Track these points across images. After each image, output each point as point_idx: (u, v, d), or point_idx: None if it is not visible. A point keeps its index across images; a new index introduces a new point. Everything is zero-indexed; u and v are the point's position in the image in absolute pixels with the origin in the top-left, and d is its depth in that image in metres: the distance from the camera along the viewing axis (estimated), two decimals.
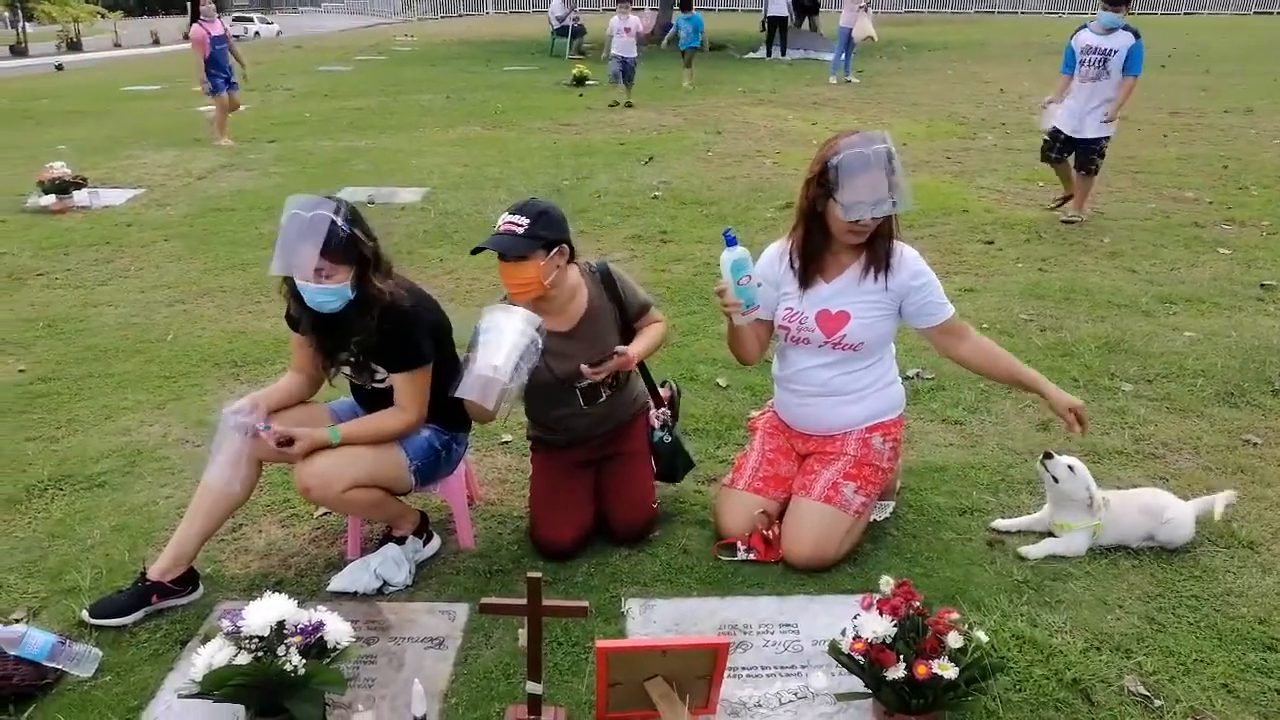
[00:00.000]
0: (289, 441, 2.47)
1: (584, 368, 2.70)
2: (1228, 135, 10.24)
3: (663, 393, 3.08)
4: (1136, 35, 6.16)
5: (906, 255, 2.76)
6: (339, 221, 2.41)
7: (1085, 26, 6.34)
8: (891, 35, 24.19)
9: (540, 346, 2.48)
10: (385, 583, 2.69)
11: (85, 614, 2.51)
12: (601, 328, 2.82)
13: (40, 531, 3.02)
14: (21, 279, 5.63)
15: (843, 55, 15.63)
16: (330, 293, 2.45)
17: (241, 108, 10.96)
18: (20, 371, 4.30)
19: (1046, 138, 6.58)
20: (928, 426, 3.71)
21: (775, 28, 20.51)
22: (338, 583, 2.70)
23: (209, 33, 9.68)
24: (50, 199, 7.16)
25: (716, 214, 7.01)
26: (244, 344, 4.58)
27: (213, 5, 9.94)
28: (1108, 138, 6.37)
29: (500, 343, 2.42)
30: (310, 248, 2.36)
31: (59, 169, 7.31)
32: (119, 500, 3.20)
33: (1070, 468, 2.84)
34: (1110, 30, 6.15)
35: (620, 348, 2.76)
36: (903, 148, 9.57)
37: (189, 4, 10.02)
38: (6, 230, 6.69)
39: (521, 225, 2.59)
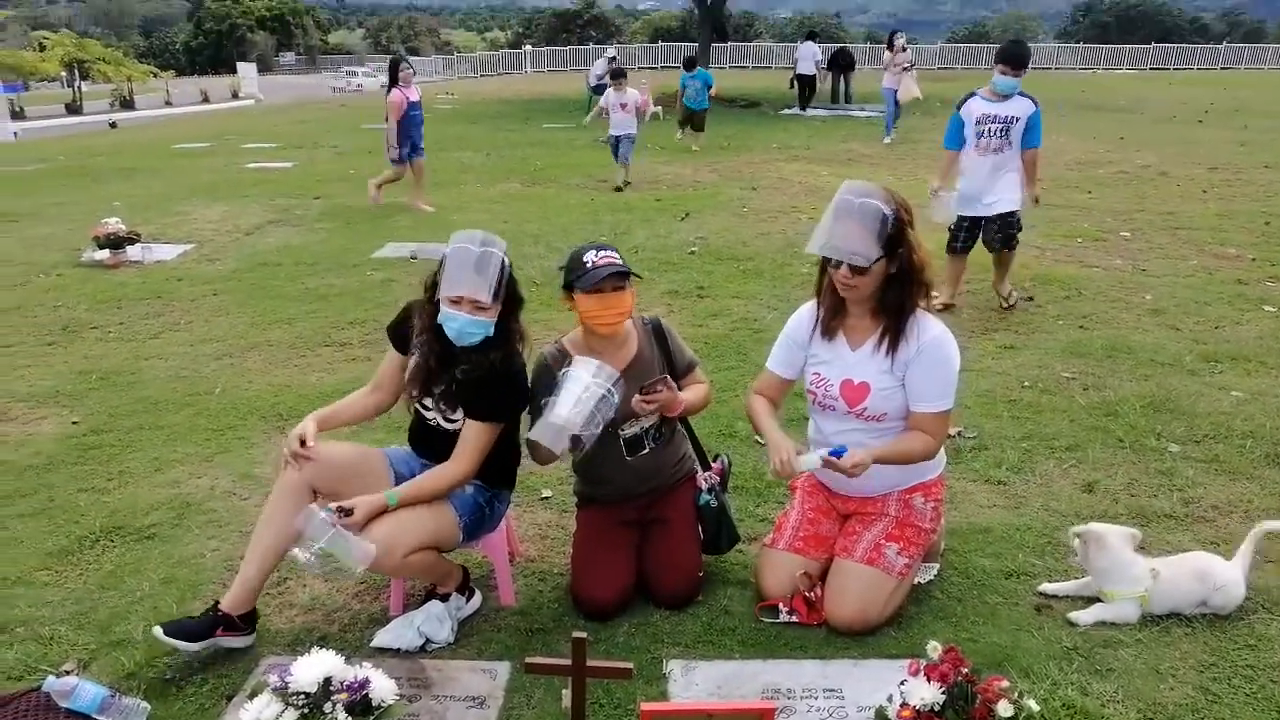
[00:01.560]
0: (349, 512, 2.50)
1: (636, 397, 2.73)
2: (1268, 191, 10.16)
3: (714, 465, 3.10)
4: (1035, 102, 5.57)
5: (923, 330, 2.69)
6: (506, 259, 2.60)
7: (974, 94, 5.67)
8: (926, 90, 24.33)
9: (616, 401, 2.60)
10: (428, 640, 2.70)
11: (157, 629, 2.53)
12: (648, 374, 2.87)
13: (91, 583, 3.08)
14: (76, 332, 5.79)
15: (894, 113, 15.16)
16: (479, 325, 2.60)
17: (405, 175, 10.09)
18: (74, 424, 4.41)
19: (950, 228, 5.86)
20: (970, 487, 3.67)
21: (805, 85, 20.82)
22: (381, 639, 2.71)
23: (407, 98, 9.29)
24: (105, 254, 7.38)
25: (753, 269, 7.06)
26: (289, 397, 4.66)
27: (412, 70, 9.65)
28: (1019, 210, 5.77)
29: (578, 394, 2.56)
30: (481, 281, 2.53)
31: (113, 224, 7.54)
32: (168, 552, 3.26)
33: (1085, 538, 2.79)
34: (1007, 96, 5.55)
35: (671, 382, 2.80)
36: None
37: (391, 71, 9.53)
38: (63, 284, 6.90)
39: (616, 256, 2.75)
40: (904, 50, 15.15)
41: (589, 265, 2.73)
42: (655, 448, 2.93)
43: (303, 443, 2.62)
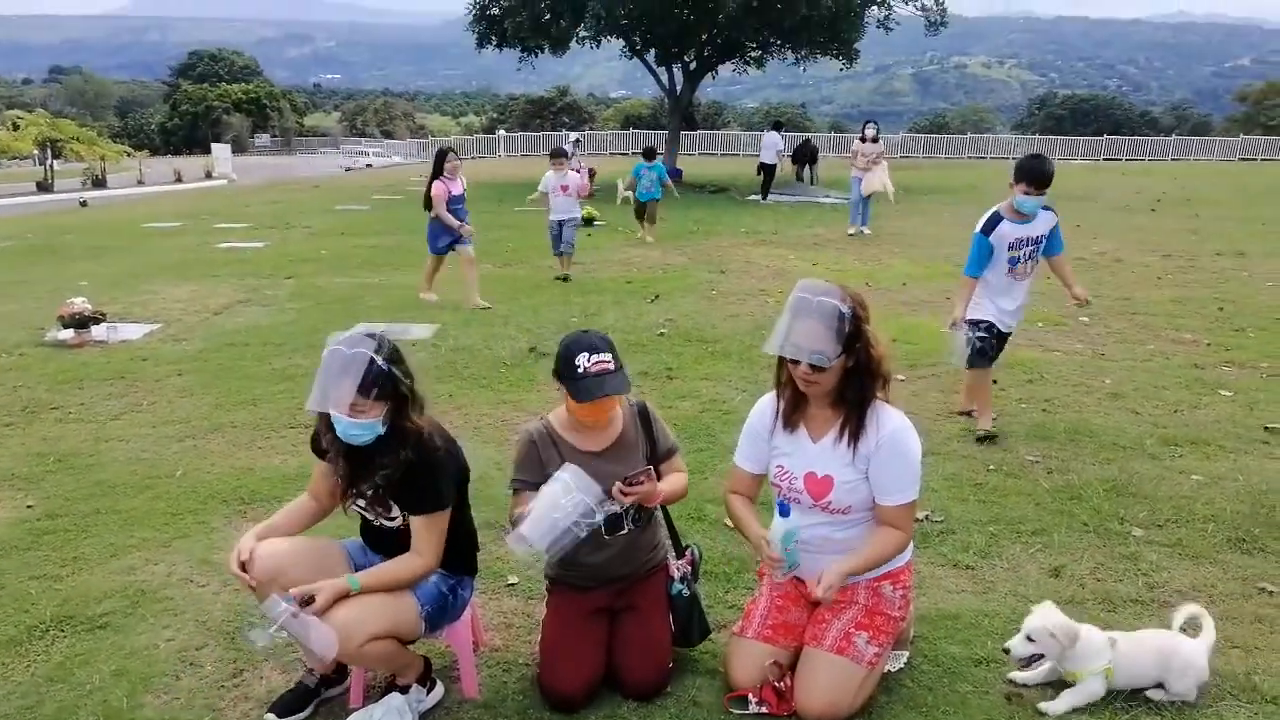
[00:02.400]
0: (311, 599, 2.45)
1: (617, 486, 2.72)
2: (1221, 277, 10.49)
3: (685, 555, 3.08)
4: (1055, 212, 5.23)
5: (882, 422, 2.71)
6: (378, 360, 2.49)
7: (1000, 219, 5.06)
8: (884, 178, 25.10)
9: (596, 523, 2.65)
10: None
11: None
12: (631, 455, 2.88)
13: (39, 675, 2.96)
14: (35, 413, 5.69)
15: (858, 202, 14.62)
16: (362, 427, 2.51)
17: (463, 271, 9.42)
18: (29, 508, 4.30)
19: (980, 338, 5.14)
20: (939, 572, 3.67)
21: (767, 174, 21.43)
22: None
23: (449, 191, 8.92)
24: (69, 333, 7.31)
25: (721, 351, 7.12)
26: (252, 480, 4.59)
27: (459, 161, 9.26)
28: None
29: (549, 515, 2.56)
30: (349, 384, 2.45)
31: (79, 304, 7.48)
32: (119, 643, 3.15)
33: (1031, 637, 2.80)
34: (1031, 216, 5.09)
35: (652, 471, 2.80)
36: (902, 288, 9.86)
37: (436, 162, 9.08)
38: (24, 363, 6.81)
39: (611, 362, 2.75)
40: (875, 140, 14.85)
41: (580, 371, 2.72)
42: (634, 530, 2.91)
43: (244, 566, 2.55)
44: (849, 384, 2.67)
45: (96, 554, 3.83)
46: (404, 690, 2.73)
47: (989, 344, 5.22)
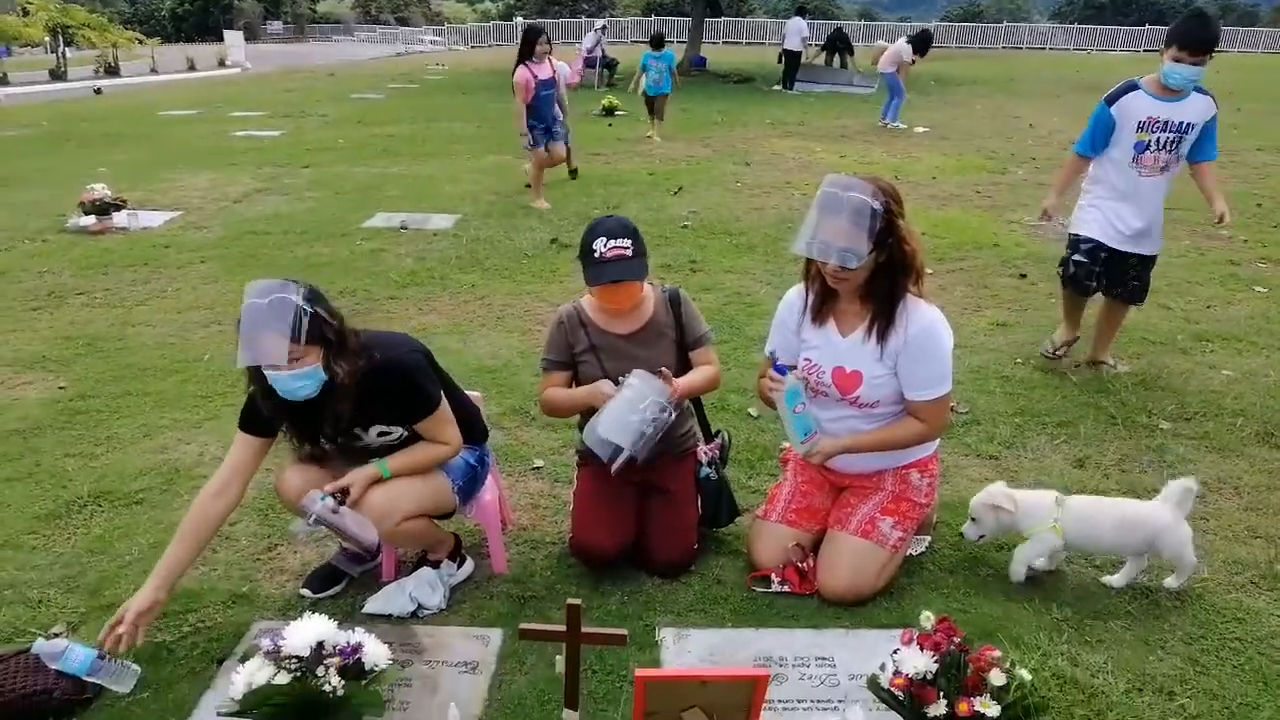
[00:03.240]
0: (346, 492, 2.47)
1: None
2: (1261, 173, 10.18)
3: (715, 441, 3.10)
4: (1215, 101, 4.13)
5: (914, 317, 2.64)
6: (299, 301, 2.30)
7: (1135, 87, 4.12)
8: (921, 70, 24.25)
9: (669, 415, 2.68)
10: (420, 606, 2.70)
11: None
12: (660, 340, 2.88)
13: (80, 547, 3.05)
14: (62, 297, 5.72)
15: (891, 100, 14.30)
16: (304, 376, 2.35)
17: (565, 166, 9.36)
18: (60, 389, 4.36)
19: (1079, 257, 4.35)
20: (963, 461, 3.68)
21: (790, 62, 20.69)
22: (373, 605, 2.71)
23: (535, 75, 7.93)
24: (90, 220, 7.29)
25: (745, 244, 7.03)
26: None
27: (549, 45, 8.12)
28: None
29: (630, 420, 2.62)
30: (276, 334, 2.25)
31: (99, 191, 7.44)
32: (157, 518, 3.23)
33: (974, 516, 2.87)
34: (1181, 93, 4.04)
35: (667, 371, 2.78)
36: (932, 181, 9.64)
37: (522, 45, 8.08)
38: (48, 250, 6.82)
39: (629, 247, 2.70)
40: (923, 55, 14.74)
41: (597, 255, 2.69)
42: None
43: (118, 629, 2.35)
44: (879, 279, 2.60)
45: (129, 434, 3.90)
46: (435, 565, 2.79)
47: (1087, 269, 4.27)
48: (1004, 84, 22.43)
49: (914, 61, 14.49)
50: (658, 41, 13.13)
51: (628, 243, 2.70)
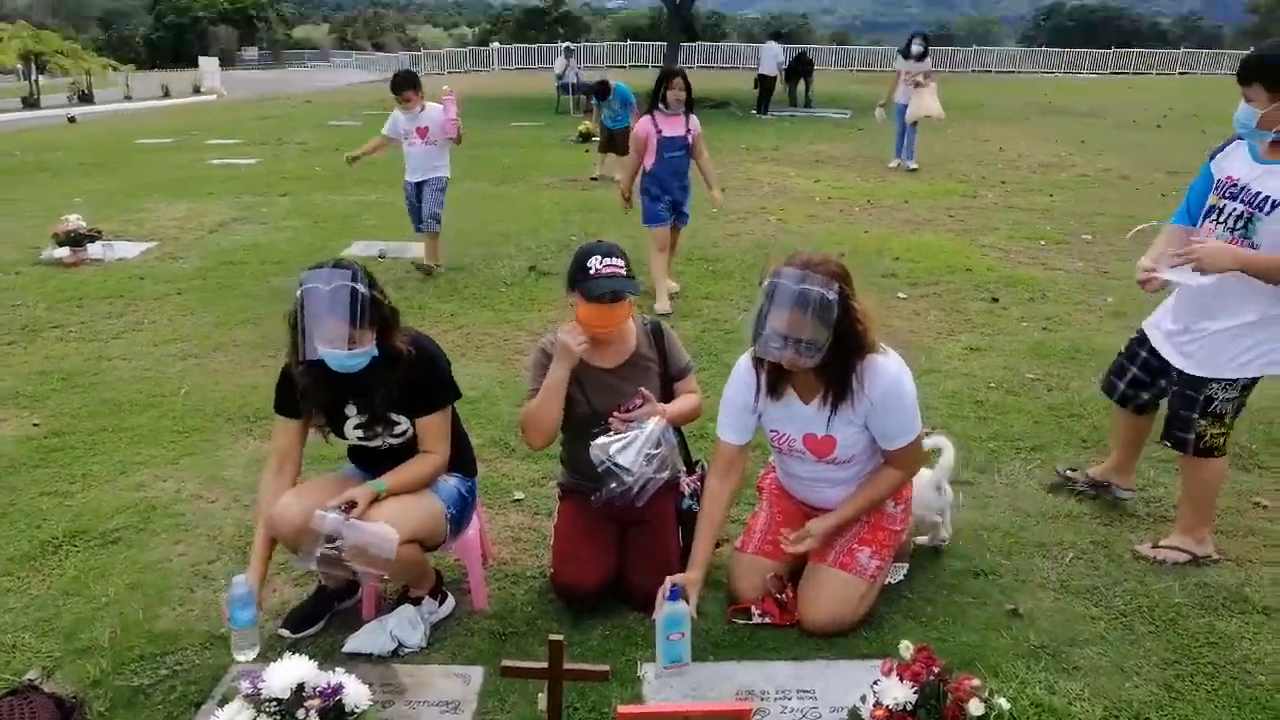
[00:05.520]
0: (353, 504, 2.49)
1: (614, 415, 2.80)
2: None
3: (696, 472, 3.12)
4: None
5: (875, 378, 2.59)
6: (360, 288, 2.46)
7: (1238, 136, 2.97)
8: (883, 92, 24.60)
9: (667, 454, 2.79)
10: (401, 644, 2.69)
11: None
12: (645, 373, 2.92)
13: (55, 589, 3.02)
14: (36, 331, 5.67)
15: (903, 133, 12.42)
16: (357, 358, 2.51)
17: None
18: (35, 425, 4.32)
19: (1124, 351, 3.42)
20: None
21: (765, 87, 20.91)
22: (353, 644, 2.69)
23: (659, 131, 6.03)
24: (64, 252, 7.24)
25: (722, 270, 7.08)
26: (257, 398, 4.60)
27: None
28: (1243, 381, 2.99)
29: (649, 454, 2.72)
30: (339, 320, 2.42)
31: (74, 222, 7.40)
32: (133, 557, 3.20)
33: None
34: (1244, 136, 2.93)
35: (648, 394, 2.83)
36: (905, 205, 9.76)
37: (658, 88, 6.04)
38: (22, 283, 6.76)
39: (621, 266, 2.76)
40: (922, 58, 12.11)
41: (592, 272, 2.74)
42: None
43: None
44: (833, 357, 2.52)
45: (105, 471, 3.87)
46: (416, 602, 2.79)
47: (1119, 364, 3.42)
48: (973, 108, 22.75)
49: (920, 75, 11.95)
50: (600, 91, 11.88)
51: (621, 263, 2.77)
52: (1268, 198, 2.79)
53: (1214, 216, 2.98)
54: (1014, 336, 5.57)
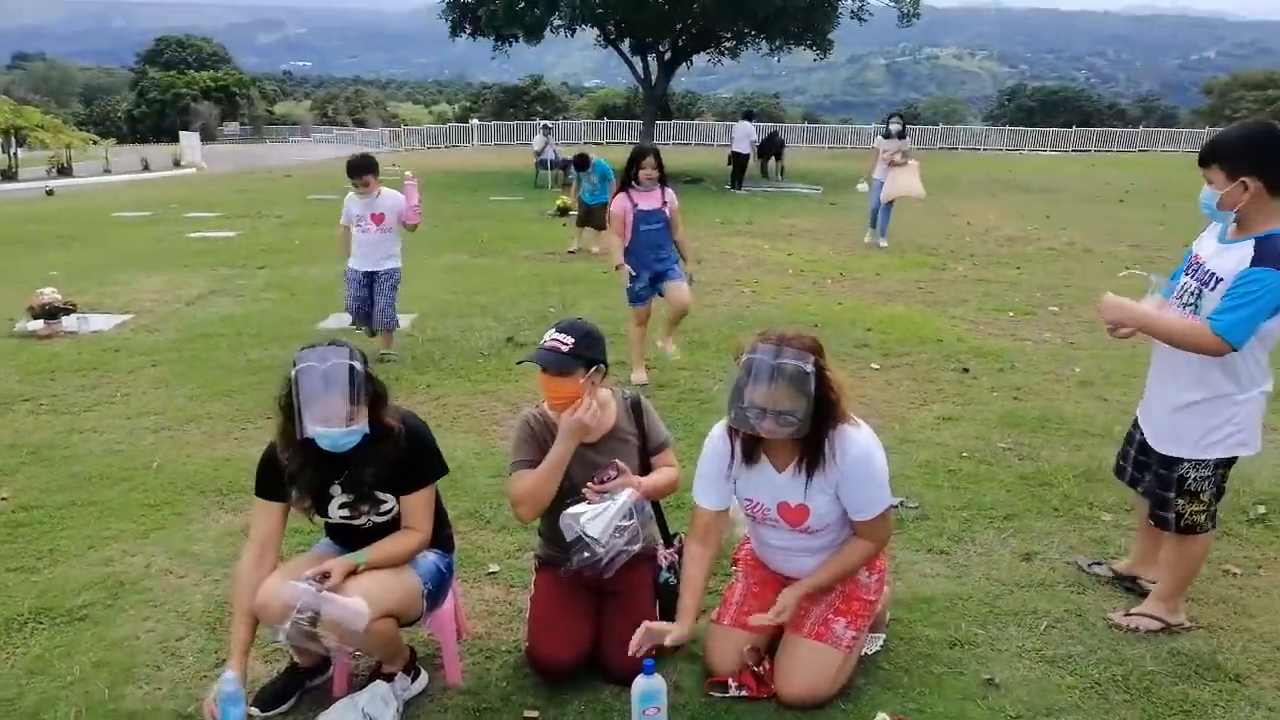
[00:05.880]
0: (327, 575, 2.48)
1: (589, 486, 2.82)
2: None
3: (674, 545, 3.14)
4: (1268, 252, 2.77)
5: (846, 447, 2.65)
6: (357, 365, 2.50)
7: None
8: (862, 169, 25.22)
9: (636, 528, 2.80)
10: None
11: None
12: (623, 447, 2.94)
13: (19, 668, 2.96)
14: (7, 404, 5.62)
15: (877, 209, 12.31)
16: (352, 434, 2.52)
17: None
18: (2, 500, 4.26)
19: (1126, 435, 3.50)
20: (914, 556, 3.74)
21: (738, 164, 21.41)
22: None
23: (635, 205, 5.94)
24: (39, 324, 7.22)
25: (699, 341, 7.16)
26: (230, 471, 4.57)
27: (656, 171, 5.92)
28: (1209, 463, 3.01)
29: (619, 525, 2.74)
30: (339, 398, 2.44)
31: (49, 294, 7.39)
32: (100, 634, 3.15)
33: None
34: (1208, 217, 3.03)
35: (623, 465, 2.86)
36: (876, 277, 9.94)
37: (630, 166, 5.95)
38: None
39: (567, 344, 2.78)
40: (902, 136, 12.22)
41: (543, 343, 2.81)
42: None
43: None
44: (808, 424, 2.58)
45: (74, 546, 3.81)
46: (389, 679, 2.75)
47: (1122, 448, 3.47)
48: (942, 183, 23.31)
49: (897, 154, 11.98)
50: (580, 163, 12.04)
51: (570, 340, 2.79)
52: (1213, 274, 2.90)
53: (1177, 292, 3.08)
54: (985, 406, 5.65)
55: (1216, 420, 2.95)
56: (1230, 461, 3.05)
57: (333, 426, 2.46)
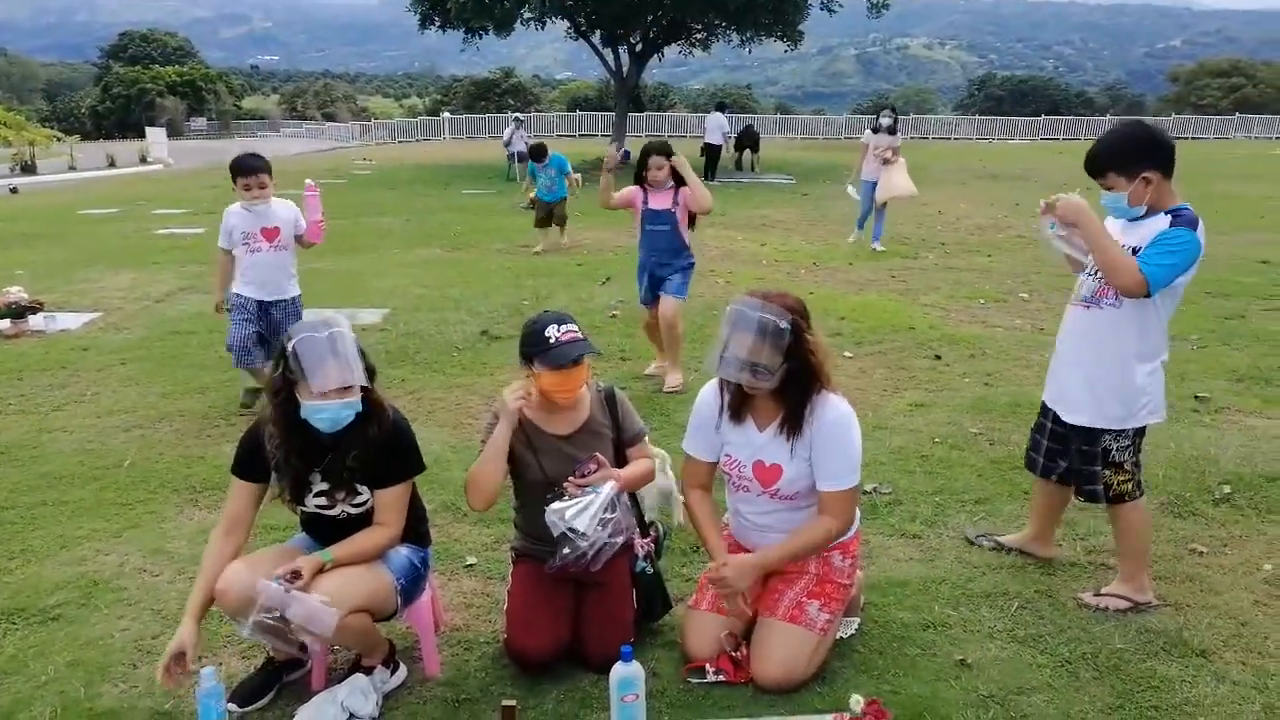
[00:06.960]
0: (298, 574, 2.47)
1: (569, 481, 2.83)
2: None
3: (650, 535, 3.15)
4: (1182, 216, 3.01)
5: (825, 411, 2.77)
6: (350, 335, 2.55)
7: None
8: (834, 159, 25.37)
9: (620, 519, 2.83)
10: (352, 715, 2.64)
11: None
12: (598, 439, 2.96)
13: None
14: None
15: (868, 212, 11.52)
16: (350, 406, 2.54)
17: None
18: None
19: (1034, 427, 3.55)
20: (887, 541, 3.78)
21: (711, 156, 21.42)
22: (303, 715, 2.64)
23: (646, 202, 5.91)
24: (5, 324, 7.11)
25: None
26: (203, 469, 4.54)
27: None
28: (1128, 433, 3.16)
29: (603, 517, 2.77)
30: (346, 361, 2.49)
31: (15, 293, 7.29)
32: (74, 634, 3.12)
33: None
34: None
35: (603, 458, 2.88)
36: (849, 267, 10.01)
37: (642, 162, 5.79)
38: None
39: (578, 330, 2.83)
40: (892, 131, 11.44)
41: (552, 341, 2.79)
42: None
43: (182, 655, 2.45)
44: (790, 384, 2.74)
45: (45, 546, 3.77)
46: (368, 672, 2.75)
47: (1033, 438, 3.55)
48: (914, 172, 23.45)
49: (888, 151, 11.20)
50: (536, 153, 11.78)
51: (575, 328, 2.85)
52: (1130, 247, 3.04)
53: (1090, 268, 3.24)
54: (957, 392, 5.72)
55: (1132, 392, 3.11)
56: (1143, 430, 3.20)
57: (341, 396, 2.49)
